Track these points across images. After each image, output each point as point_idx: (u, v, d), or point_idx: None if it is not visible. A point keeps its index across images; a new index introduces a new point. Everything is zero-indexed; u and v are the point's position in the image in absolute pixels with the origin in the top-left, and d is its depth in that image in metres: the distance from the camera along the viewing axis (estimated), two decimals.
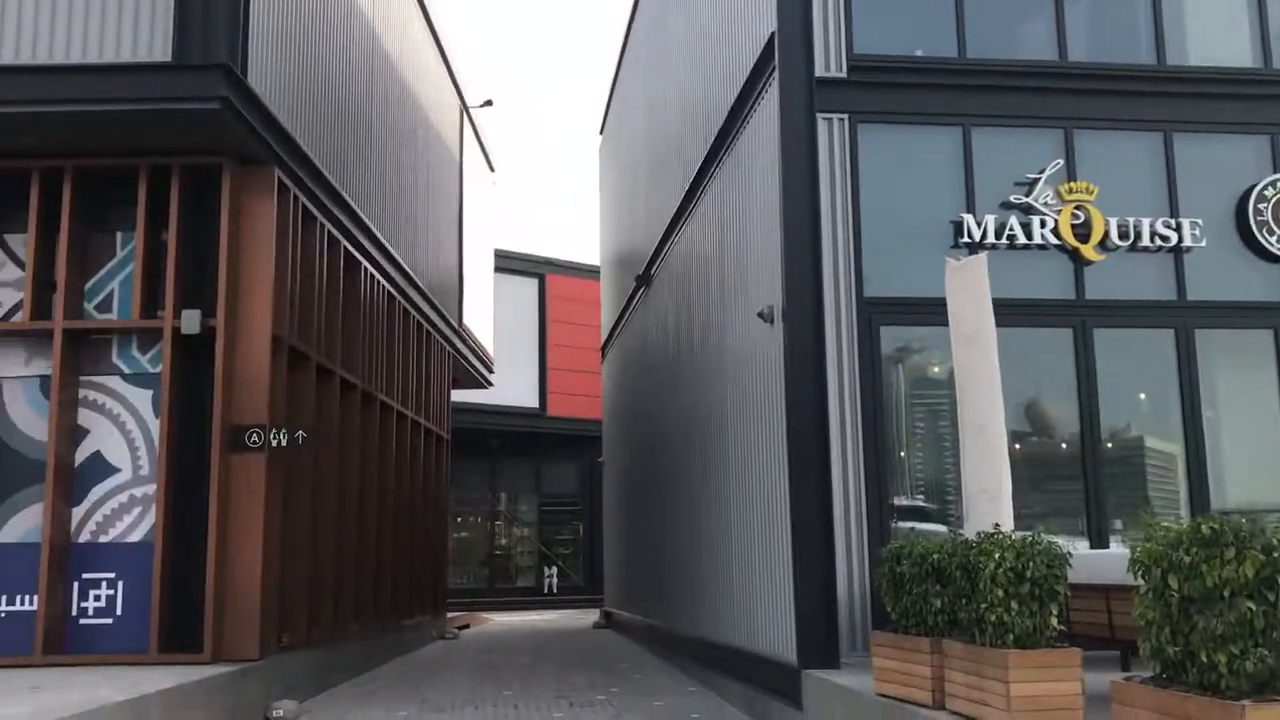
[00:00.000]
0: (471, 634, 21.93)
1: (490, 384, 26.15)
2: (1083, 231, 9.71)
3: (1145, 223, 9.81)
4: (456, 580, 28.56)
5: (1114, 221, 9.75)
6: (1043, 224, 9.68)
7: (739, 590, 11.15)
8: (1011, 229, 9.64)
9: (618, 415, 23.22)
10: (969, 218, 9.60)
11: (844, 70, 9.65)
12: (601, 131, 26.00)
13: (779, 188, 9.53)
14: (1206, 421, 9.69)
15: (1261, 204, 10.01)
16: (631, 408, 20.76)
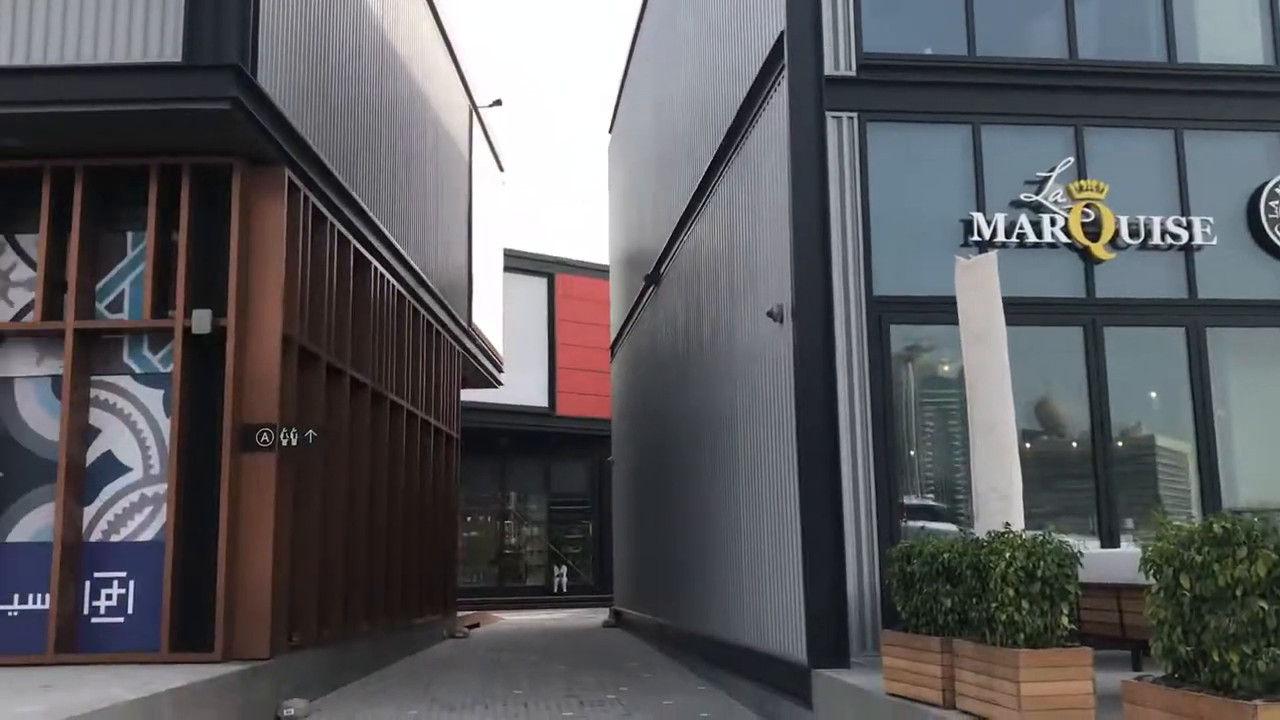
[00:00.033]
0: (481, 633, 21.95)
1: (500, 383, 26.18)
2: (1093, 230, 9.68)
3: (1156, 221, 9.78)
4: (466, 579, 28.59)
5: (1124, 220, 9.72)
6: (1053, 222, 9.66)
7: (748, 589, 11.15)
8: (1021, 227, 9.61)
9: (627, 414, 23.22)
10: (979, 216, 9.58)
11: (853, 69, 9.64)
12: (610, 130, 26.00)
13: (788, 186, 9.53)
14: (1218, 420, 9.65)
15: (1273, 202, 9.97)
16: (641, 407, 20.76)
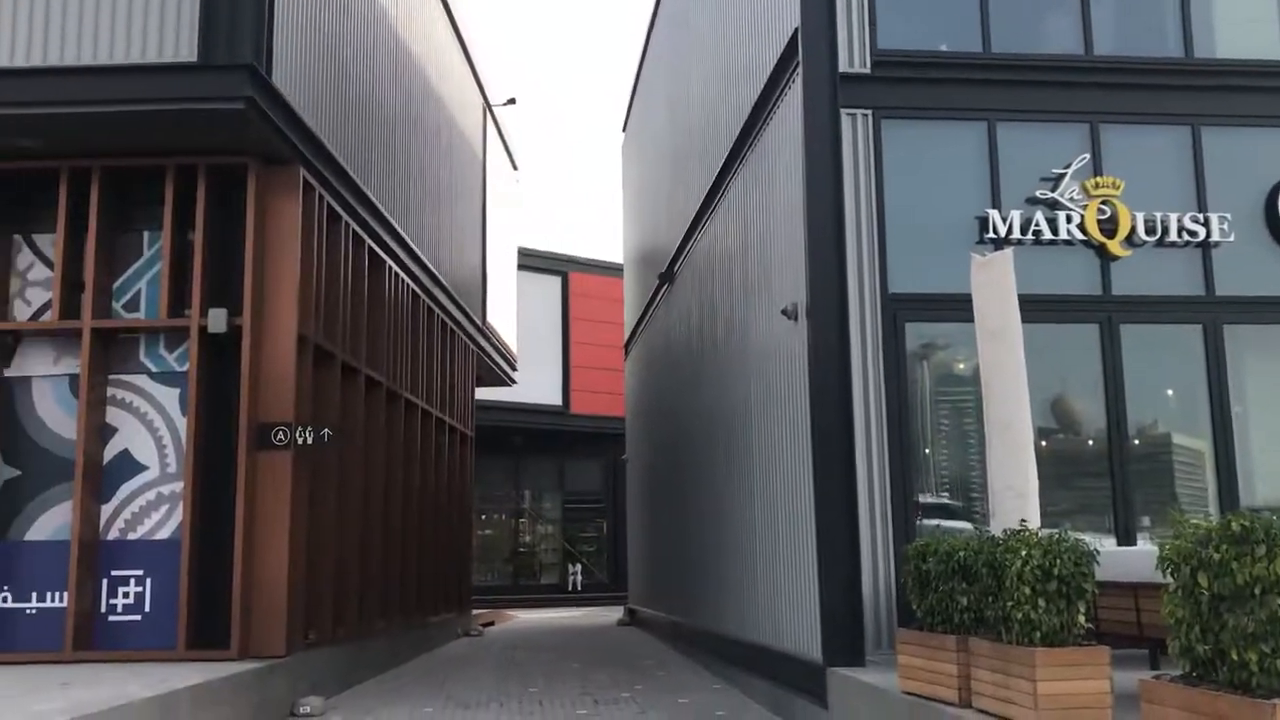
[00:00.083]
0: (496, 631, 22.00)
1: (514, 382, 26.22)
2: (1109, 227, 9.63)
3: (1173, 217, 9.72)
4: (481, 577, 28.66)
5: (1141, 216, 9.67)
6: (1069, 219, 9.61)
7: (763, 587, 11.14)
8: (1037, 224, 9.57)
9: (641, 412, 23.22)
10: (994, 213, 9.54)
11: (868, 66, 9.61)
12: (624, 129, 25.99)
13: (803, 184, 9.50)
14: (1235, 417, 9.59)
15: None
16: (655, 405, 20.76)
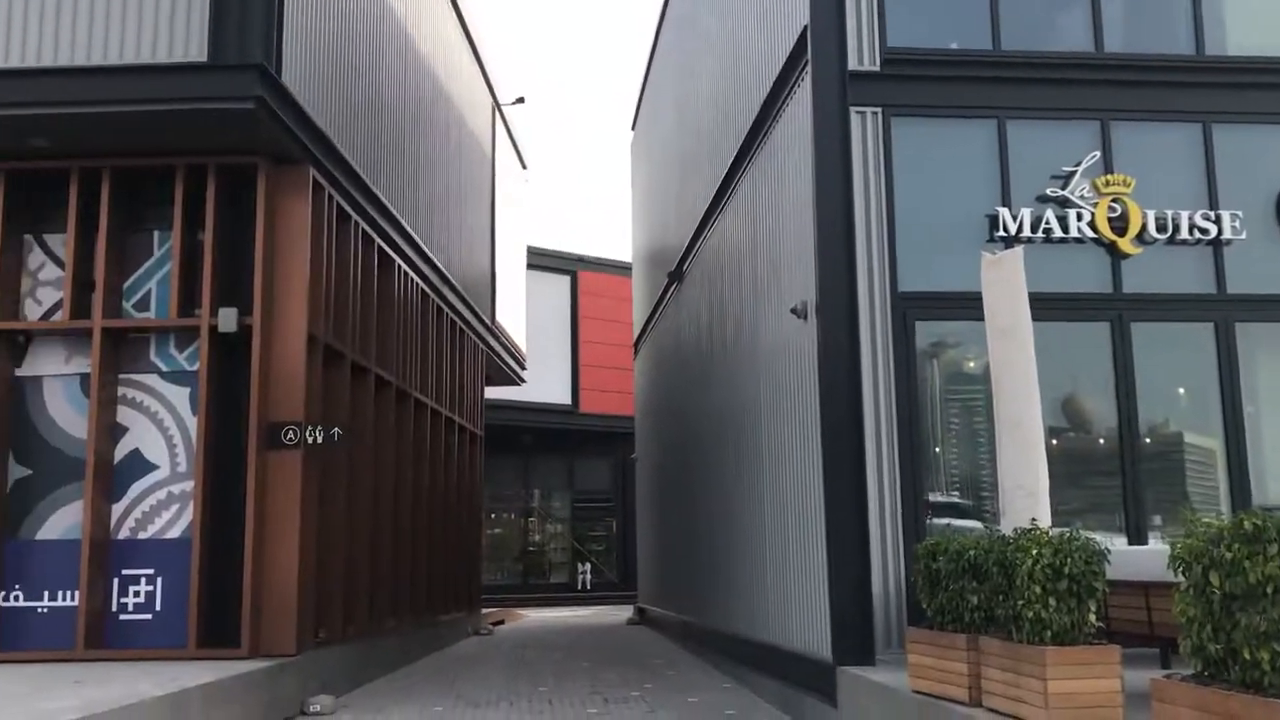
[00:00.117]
0: (506, 630, 22.02)
1: (523, 381, 26.25)
2: (1120, 224, 9.60)
3: (1184, 215, 9.68)
4: (490, 576, 28.70)
5: (1152, 214, 9.63)
6: (1079, 217, 9.57)
7: (773, 586, 11.13)
8: (1048, 222, 9.54)
9: (650, 411, 23.22)
10: (1004, 211, 9.51)
11: (877, 63, 9.59)
12: (633, 127, 26.00)
13: (812, 182, 9.49)
14: (1247, 416, 9.54)
15: None
16: (664, 404, 20.75)
